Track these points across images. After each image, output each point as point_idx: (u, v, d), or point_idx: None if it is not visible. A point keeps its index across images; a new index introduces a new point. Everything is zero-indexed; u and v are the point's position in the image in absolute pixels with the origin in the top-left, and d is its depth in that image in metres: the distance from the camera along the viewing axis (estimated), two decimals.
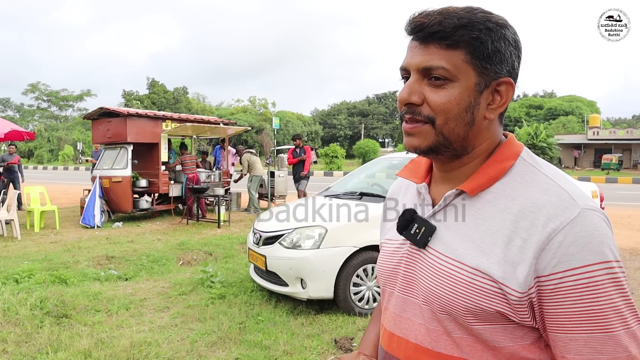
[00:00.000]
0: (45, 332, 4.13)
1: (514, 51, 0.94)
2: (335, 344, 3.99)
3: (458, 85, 0.90)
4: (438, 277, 0.93)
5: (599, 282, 0.80)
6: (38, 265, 6.32)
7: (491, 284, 0.86)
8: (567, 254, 0.81)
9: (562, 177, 0.91)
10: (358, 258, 4.64)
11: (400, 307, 1.02)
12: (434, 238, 0.97)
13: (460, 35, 0.89)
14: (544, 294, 0.83)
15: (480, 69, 0.91)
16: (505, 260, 0.85)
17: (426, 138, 0.94)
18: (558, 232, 0.82)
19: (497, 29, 0.91)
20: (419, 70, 0.92)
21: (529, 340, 0.89)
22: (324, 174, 31.17)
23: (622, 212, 12.32)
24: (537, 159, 0.97)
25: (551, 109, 55.49)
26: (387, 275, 1.07)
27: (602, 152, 38.11)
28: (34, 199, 10.10)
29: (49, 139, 56.65)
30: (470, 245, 0.90)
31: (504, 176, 0.93)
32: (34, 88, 65.77)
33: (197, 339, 4.07)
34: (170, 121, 11.77)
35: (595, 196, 6.07)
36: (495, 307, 0.86)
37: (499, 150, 0.97)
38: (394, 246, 1.07)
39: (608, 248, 0.82)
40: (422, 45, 0.92)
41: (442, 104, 0.90)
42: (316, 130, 65.14)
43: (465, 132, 0.93)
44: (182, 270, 6.57)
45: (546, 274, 0.82)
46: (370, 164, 6.73)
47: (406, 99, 0.93)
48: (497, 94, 0.94)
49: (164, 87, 60.86)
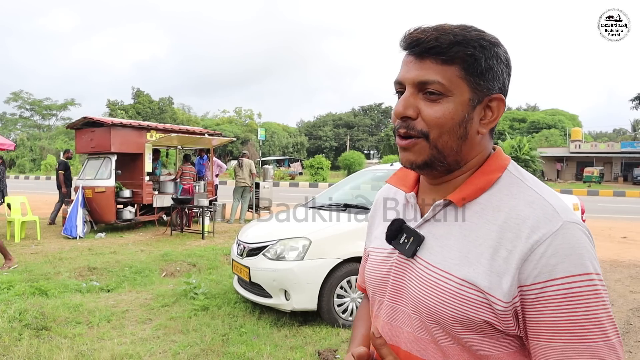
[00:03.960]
0: (24, 345, 4.05)
1: (505, 69, 0.97)
2: (319, 355, 3.98)
3: (452, 100, 0.93)
4: (426, 288, 0.95)
5: (579, 293, 0.82)
6: (18, 277, 6.22)
7: (478, 294, 0.88)
8: (548, 265, 0.83)
9: (546, 191, 0.94)
10: (342, 270, 4.65)
11: (390, 316, 1.04)
12: (422, 248, 0.99)
13: (456, 52, 0.92)
14: (526, 303, 0.85)
15: (473, 85, 0.94)
16: (491, 271, 0.88)
17: (421, 153, 0.96)
18: (540, 244, 0.85)
19: (491, 47, 0.94)
20: (414, 85, 0.95)
21: (513, 349, 0.91)
22: (309, 185, 31.14)
23: (603, 224, 12.48)
24: (523, 172, 1.00)
25: (534, 122, 56.18)
26: (377, 284, 1.09)
27: (584, 165, 38.57)
28: (15, 209, 9.95)
29: (32, 148, 55.90)
30: (458, 256, 0.93)
31: (491, 188, 0.96)
32: (17, 96, 64.91)
33: (179, 351, 4.03)
34: (155, 131, 11.71)
35: (577, 208, 6.15)
36: (482, 317, 0.88)
37: (486, 162, 1.00)
38: (383, 255, 1.08)
39: (589, 260, 0.84)
40: (417, 60, 0.94)
41: (436, 118, 0.93)
42: (302, 141, 65.15)
43: (458, 145, 0.96)
44: (165, 282, 6.51)
45: (528, 283, 0.85)
46: (355, 176, 6.76)
47: (402, 113, 0.95)
48: (489, 109, 0.97)
49: (149, 97, 60.49)
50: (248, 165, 12.40)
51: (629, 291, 6.14)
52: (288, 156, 57.16)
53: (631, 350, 4.27)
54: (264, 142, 28.87)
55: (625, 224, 12.73)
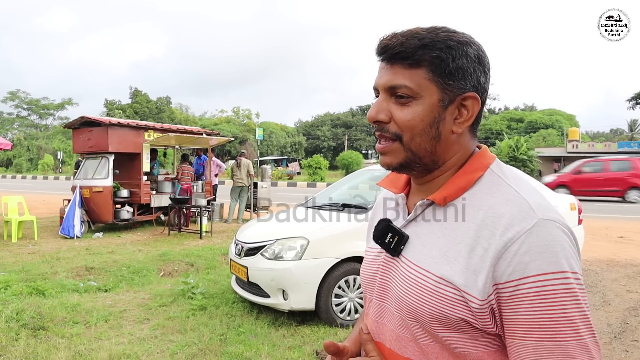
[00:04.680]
0: (21, 345, 4.05)
1: (478, 67, 0.97)
2: (317, 355, 3.98)
3: (422, 102, 0.95)
4: (407, 285, 0.96)
5: (552, 291, 0.83)
6: (15, 277, 6.21)
7: (454, 292, 0.89)
8: (521, 262, 0.84)
9: (526, 188, 0.95)
10: (340, 269, 4.65)
11: (378, 314, 1.06)
12: (406, 247, 1.00)
13: (421, 55, 0.93)
14: (502, 300, 0.86)
15: (443, 86, 0.95)
16: (467, 269, 0.88)
17: (397, 155, 0.99)
18: (514, 241, 0.85)
19: (459, 47, 0.95)
20: (385, 89, 0.98)
21: (494, 348, 0.91)
22: (307, 185, 31.16)
23: (600, 223, 12.50)
24: (506, 171, 1.00)
25: (532, 122, 56.28)
26: (367, 282, 1.11)
27: None
28: (12, 209, 9.92)
29: (29, 148, 55.84)
30: (438, 254, 0.94)
31: (472, 187, 0.97)
32: (14, 96, 64.79)
33: (177, 351, 4.02)
34: (152, 131, 11.71)
35: (574, 208, 6.16)
36: (458, 314, 0.89)
37: (469, 162, 1.01)
38: (373, 254, 1.11)
39: (564, 258, 0.84)
40: (388, 66, 0.98)
41: (407, 120, 0.95)
42: (300, 141, 65.22)
43: (432, 146, 0.97)
44: (163, 282, 6.50)
45: (503, 281, 0.85)
46: (352, 176, 6.76)
47: (374, 117, 0.99)
48: (463, 108, 0.98)
49: (146, 96, 60.49)
50: (246, 166, 12.40)
51: (625, 290, 6.16)
52: (286, 156, 57.21)
53: (627, 349, 4.28)
54: (261, 142, 28.82)
55: (623, 224, 12.75)
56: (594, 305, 5.48)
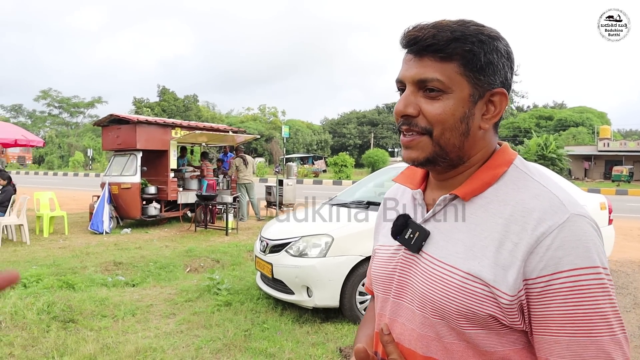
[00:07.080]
0: (52, 337, 4.15)
1: (507, 62, 0.96)
2: (341, 352, 3.98)
3: (453, 97, 0.93)
4: (431, 282, 0.94)
5: (585, 286, 0.81)
6: (46, 270, 6.35)
7: (483, 288, 0.87)
8: (554, 257, 0.83)
9: (552, 184, 0.93)
10: (364, 267, 4.63)
11: (395, 312, 1.03)
12: (427, 243, 0.98)
13: (454, 48, 0.91)
14: (532, 296, 0.84)
15: (473, 81, 0.93)
16: (496, 264, 0.87)
17: (424, 150, 0.96)
18: (547, 236, 0.84)
19: (490, 42, 0.93)
20: (414, 83, 0.95)
21: (520, 345, 0.90)
22: (332, 182, 31.15)
23: (633, 224, 12.20)
24: (530, 167, 0.99)
25: (561, 120, 55.18)
26: (383, 281, 1.08)
27: (613, 164, 37.75)
28: (44, 205, 10.18)
29: (60, 145, 57.12)
30: (463, 250, 0.92)
31: (497, 182, 0.95)
32: (46, 95, 66.42)
33: (202, 346, 4.07)
34: (179, 129, 11.85)
35: (604, 208, 6.03)
36: (487, 310, 0.87)
37: (492, 157, 0.99)
38: (390, 252, 1.08)
39: (596, 254, 0.83)
40: (416, 58, 0.95)
41: (437, 114, 0.93)
42: (326, 139, 65.19)
43: (460, 142, 0.95)
44: (189, 277, 6.58)
45: (534, 276, 0.84)
46: (378, 173, 6.73)
47: (402, 111, 0.96)
48: (491, 104, 0.96)
49: (174, 94, 61.19)
50: (252, 163, 12.43)
51: None
52: (312, 154, 57.22)
53: None
54: (288, 140, 28.92)
55: None
56: (624, 308, 5.35)
